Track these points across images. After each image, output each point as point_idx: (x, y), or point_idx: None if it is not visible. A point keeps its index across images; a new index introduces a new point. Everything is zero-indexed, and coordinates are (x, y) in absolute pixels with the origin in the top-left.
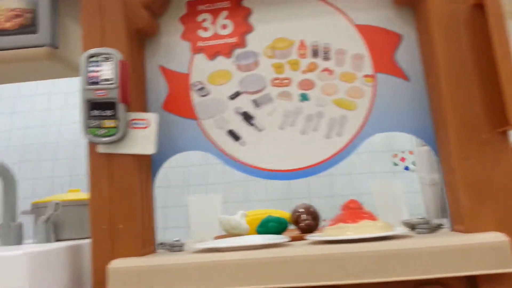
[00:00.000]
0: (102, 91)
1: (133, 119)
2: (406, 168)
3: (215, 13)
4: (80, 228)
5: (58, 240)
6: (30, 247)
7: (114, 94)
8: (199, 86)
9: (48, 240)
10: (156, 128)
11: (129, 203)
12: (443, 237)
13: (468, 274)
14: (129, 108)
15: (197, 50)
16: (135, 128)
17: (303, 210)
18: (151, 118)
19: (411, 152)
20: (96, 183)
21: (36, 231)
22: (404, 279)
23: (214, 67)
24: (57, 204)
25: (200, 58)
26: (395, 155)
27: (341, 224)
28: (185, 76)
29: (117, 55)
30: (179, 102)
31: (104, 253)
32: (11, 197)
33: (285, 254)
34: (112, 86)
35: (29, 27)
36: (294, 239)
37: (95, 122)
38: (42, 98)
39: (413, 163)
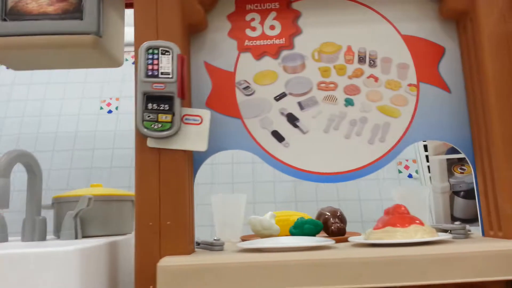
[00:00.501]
0: (161, 85)
1: (186, 115)
2: (410, 176)
3: (263, 13)
4: (105, 225)
5: (84, 236)
6: (76, 243)
7: (172, 88)
8: (245, 85)
9: (76, 236)
10: (209, 125)
11: (178, 199)
12: (485, 242)
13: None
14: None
15: (243, 49)
16: (188, 123)
17: (329, 213)
18: (205, 114)
19: (414, 161)
20: (144, 178)
21: (63, 226)
22: (450, 282)
23: (260, 67)
24: (90, 199)
25: (247, 57)
26: (400, 163)
27: (390, 228)
28: (230, 74)
29: (175, 49)
30: (223, 100)
31: (150, 250)
32: (36, 191)
33: (342, 256)
34: (171, 80)
35: (73, 12)
36: (337, 241)
37: (151, 116)
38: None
39: (416, 172)
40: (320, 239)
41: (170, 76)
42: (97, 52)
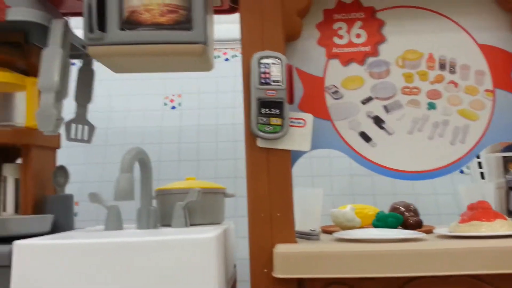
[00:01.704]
0: (273, 91)
1: (291, 118)
2: (461, 171)
3: (350, 22)
4: (204, 214)
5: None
6: (206, 230)
7: (282, 95)
8: (333, 90)
9: (186, 225)
10: (311, 128)
11: (286, 193)
12: None
13: None
14: None
15: (332, 56)
16: (293, 126)
17: (403, 207)
18: (308, 118)
19: None
20: (255, 175)
21: (174, 215)
22: None
23: (347, 73)
24: (199, 191)
25: (335, 63)
26: None
27: (475, 222)
28: (320, 79)
29: (283, 58)
30: (314, 103)
31: (263, 239)
32: (149, 183)
33: (439, 247)
34: (281, 87)
35: (183, 23)
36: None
37: (264, 119)
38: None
39: (467, 167)
40: (411, 232)
41: (280, 83)
42: (201, 59)
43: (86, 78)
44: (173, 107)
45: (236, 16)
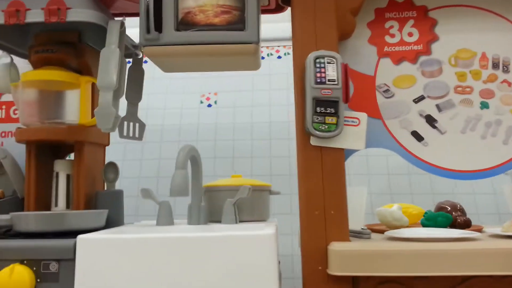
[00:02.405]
0: (328, 90)
1: (345, 117)
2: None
3: (402, 21)
4: (252, 211)
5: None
6: (263, 227)
7: (338, 94)
8: (384, 88)
9: (236, 221)
10: (365, 127)
11: (340, 191)
12: None
13: None
14: None
15: (383, 55)
16: (347, 125)
17: (450, 207)
18: (362, 117)
19: None
20: (308, 173)
21: (224, 212)
22: None
23: (399, 71)
24: (249, 189)
25: (386, 62)
26: None
27: None
28: (371, 78)
29: (339, 58)
30: (364, 102)
31: (317, 236)
32: (199, 180)
33: (495, 246)
34: (336, 86)
35: (236, 23)
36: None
37: (319, 118)
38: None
39: None
40: (464, 231)
41: (336, 82)
42: (253, 58)
43: (137, 77)
44: (209, 105)
45: (284, 15)
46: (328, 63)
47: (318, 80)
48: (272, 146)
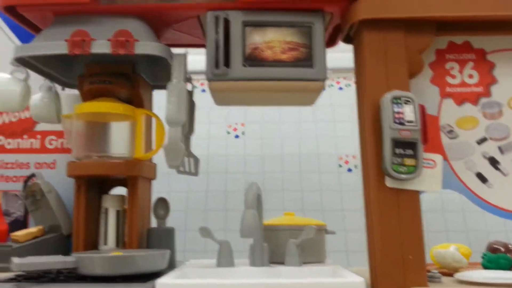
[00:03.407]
0: (407, 132)
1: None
2: None
3: (461, 63)
4: (313, 252)
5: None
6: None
7: (416, 135)
8: (448, 129)
9: (300, 263)
10: (441, 168)
11: (417, 235)
12: None
13: None
14: None
15: (446, 95)
16: (424, 167)
17: (503, 247)
18: (437, 158)
19: None
20: (385, 215)
21: (287, 253)
22: None
23: (462, 113)
24: (315, 229)
25: (449, 102)
26: None
27: None
28: (435, 118)
29: (414, 98)
30: (430, 142)
31: (395, 282)
32: (261, 217)
33: None
34: (415, 127)
35: (304, 60)
36: None
37: (398, 160)
38: None
39: None
40: None
41: (414, 124)
42: (317, 94)
43: (189, 110)
44: (237, 136)
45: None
46: (405, 103)
47: (397, 121)
48: (303, 179)
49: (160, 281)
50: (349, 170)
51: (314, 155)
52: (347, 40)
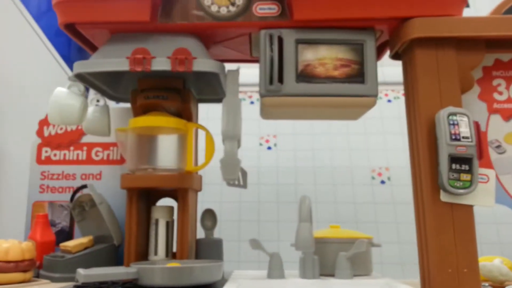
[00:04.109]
0: (463, 148)
1: None
2: None
3: (508, 79)
4: (360, 265)
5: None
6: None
7: (472, 151)
8: (496, 144)
9: (351, 276)
10: (495, 184)
11: (471, 249)
12: None
13: None
14: None
15: (493, 111)
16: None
17: None
18: (491, 174)
19: None
20: (440, 229)
21: (337, 265)
22: None
23: (509, 128)
24: (367, 243)
25: (496, 118)
26: None
27: None
28: (483, 134)
29: (469, 115)
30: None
31: None
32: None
33: None
34: (471, 143)
35: (356, 77)
36: None
37: (454, 175)
38: None
39: None
40: None
41: (470, 140)
42: (367, 110)
43: None
44: (269, 148)
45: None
46: (461, 120)
47: (453, 137)
48: (337, 191)
49: None
50: (382, 182)
51: (346, 166)
52: (395, 56)
